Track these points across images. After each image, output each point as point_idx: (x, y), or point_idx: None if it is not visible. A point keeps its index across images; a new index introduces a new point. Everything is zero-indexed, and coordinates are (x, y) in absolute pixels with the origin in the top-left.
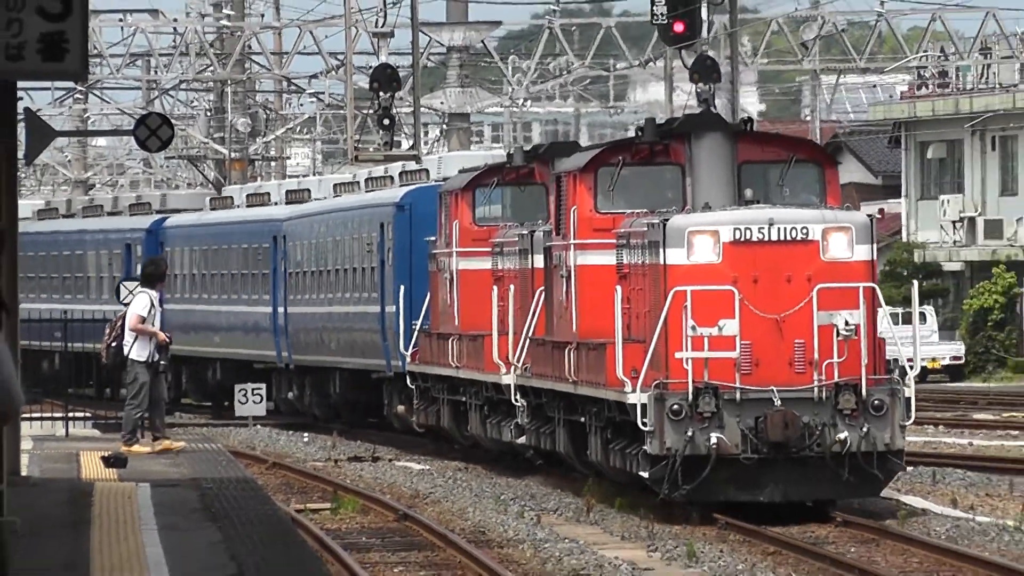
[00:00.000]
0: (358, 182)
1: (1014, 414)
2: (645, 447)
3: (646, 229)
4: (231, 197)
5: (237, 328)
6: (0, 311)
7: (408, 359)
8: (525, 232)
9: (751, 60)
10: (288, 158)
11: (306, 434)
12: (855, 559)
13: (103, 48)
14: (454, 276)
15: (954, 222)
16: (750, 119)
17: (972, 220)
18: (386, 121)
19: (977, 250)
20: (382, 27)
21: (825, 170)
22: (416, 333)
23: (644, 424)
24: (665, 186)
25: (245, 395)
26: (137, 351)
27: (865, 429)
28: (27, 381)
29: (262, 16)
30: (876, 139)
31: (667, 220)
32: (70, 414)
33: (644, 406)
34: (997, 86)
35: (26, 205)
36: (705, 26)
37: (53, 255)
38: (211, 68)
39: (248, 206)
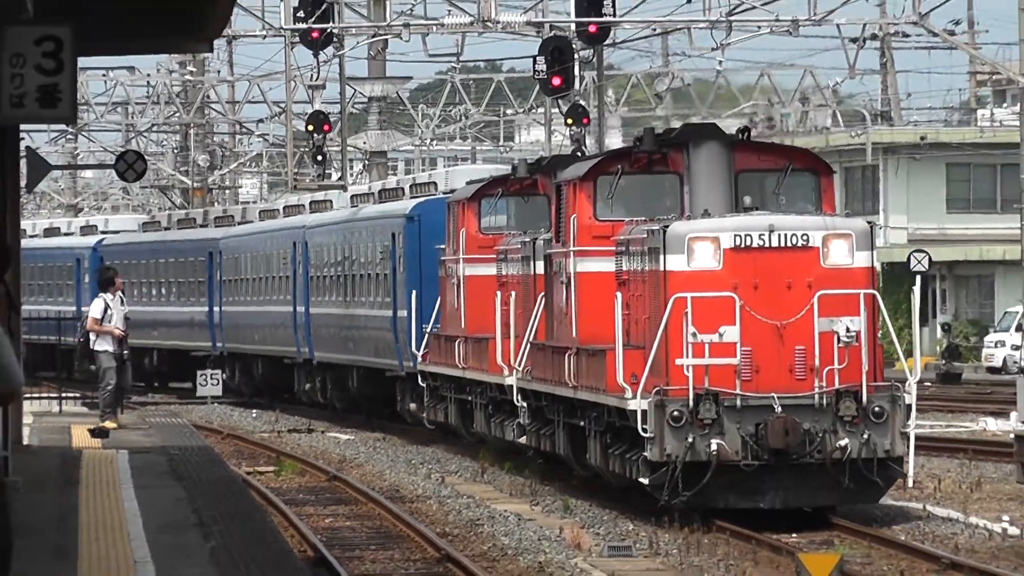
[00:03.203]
0: (373, 193)
1: None
2: (645, 453)
3: (646, 236)
4: (277, 210)
5: (267, 326)
6: (10, 310)
7: (419, 359)
8: (528, 240)
9: (615, 108)
10: (240, 187)
11: (254, 411)
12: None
13: (90, 98)
14: (461, 281)
15: None
16: (747, 128)
17: None
18: (319, 157)
19: None
20: (316, 81)
21: (821, 179)
22: (427, 335)
23: (644, 430)
24: (663, 194)
25: (205, 379)
26: (100, 344)
27: (866, 436)
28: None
29: (218, 72)
30: None
31: (667, 226)
32: (63, 394)
33: (644, 412)
34: (813, 129)
35: (131, 220)
36: (577, 80)
37: (152, 262)
38: (177, 114)
39: (284, 215)
